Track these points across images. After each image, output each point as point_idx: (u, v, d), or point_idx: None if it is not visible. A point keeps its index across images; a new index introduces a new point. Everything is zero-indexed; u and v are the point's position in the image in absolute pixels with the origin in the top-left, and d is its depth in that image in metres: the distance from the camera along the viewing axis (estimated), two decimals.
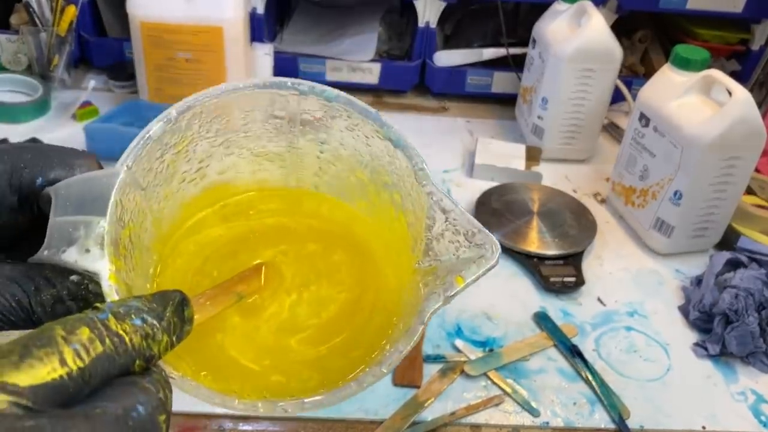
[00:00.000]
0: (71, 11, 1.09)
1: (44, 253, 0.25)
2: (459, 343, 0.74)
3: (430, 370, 0.71)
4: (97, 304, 0.23)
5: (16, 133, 1.00)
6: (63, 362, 0.20)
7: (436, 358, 0.72)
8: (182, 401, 0.71)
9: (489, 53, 1.21)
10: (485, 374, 0.71)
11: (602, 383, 0.71)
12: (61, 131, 1.01)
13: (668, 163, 0.86)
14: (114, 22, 1.21)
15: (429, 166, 0.34)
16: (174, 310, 0.24)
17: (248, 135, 0.36)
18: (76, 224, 0.26)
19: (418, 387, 0.69)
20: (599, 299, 0.83)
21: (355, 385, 0.29)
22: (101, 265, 0.25)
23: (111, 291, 0.25)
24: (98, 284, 0.25)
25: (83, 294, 0.27)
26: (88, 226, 0.26)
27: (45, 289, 0.26)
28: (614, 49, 1.00)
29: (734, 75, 1.18)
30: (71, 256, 0.25)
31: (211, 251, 0.36)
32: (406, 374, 0.70)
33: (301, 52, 1.21)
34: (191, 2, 0.96)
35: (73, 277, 0.26)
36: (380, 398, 0.68)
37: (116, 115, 0.98)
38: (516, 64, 1.18)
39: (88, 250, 0.25)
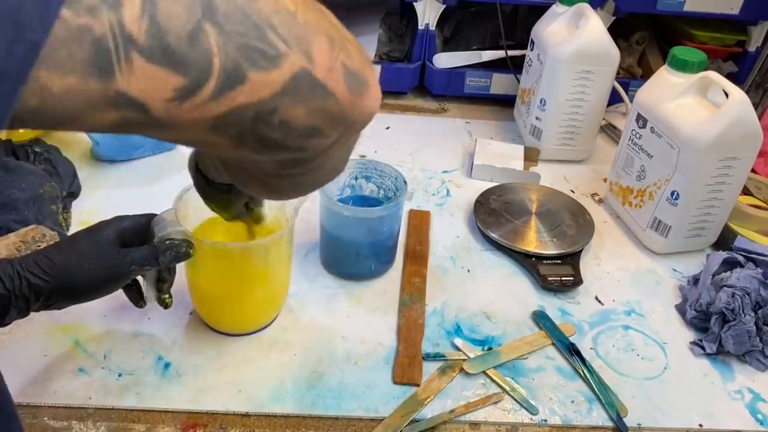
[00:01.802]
0: None
1: (155, 239, 0.63)
2: (458, 341, 0.75)
3: (430, 369, 0.72)
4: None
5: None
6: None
7: (435, 357, 0.73)
8: (184, 400, 0.71)
9: (488, 55, 1.22)
10: (484, 372, 0.72)
11: (600, 381, 0.72)
12: (66, 135, 1.02)
13: (665, 164, 0.87)
14: None
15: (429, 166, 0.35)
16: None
17: None
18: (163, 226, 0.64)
19: (417, 385, 0.70)
20: (597, 298, 0.84)
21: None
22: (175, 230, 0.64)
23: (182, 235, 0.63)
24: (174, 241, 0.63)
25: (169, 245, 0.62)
26: (164, 224, 0.64)
27: (160, 250, 0.62)
28: (612, 50, 1.01)
29: (731, 76, 1.18)
30: (168, 233, 0.64)
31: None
32: (406, 372, 0.70)
33: None
34: None
35: (168, 242, 0.62)
36: (380, 396, 0.68)
37: None
38: (514, 65, 1.19)
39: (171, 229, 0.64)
